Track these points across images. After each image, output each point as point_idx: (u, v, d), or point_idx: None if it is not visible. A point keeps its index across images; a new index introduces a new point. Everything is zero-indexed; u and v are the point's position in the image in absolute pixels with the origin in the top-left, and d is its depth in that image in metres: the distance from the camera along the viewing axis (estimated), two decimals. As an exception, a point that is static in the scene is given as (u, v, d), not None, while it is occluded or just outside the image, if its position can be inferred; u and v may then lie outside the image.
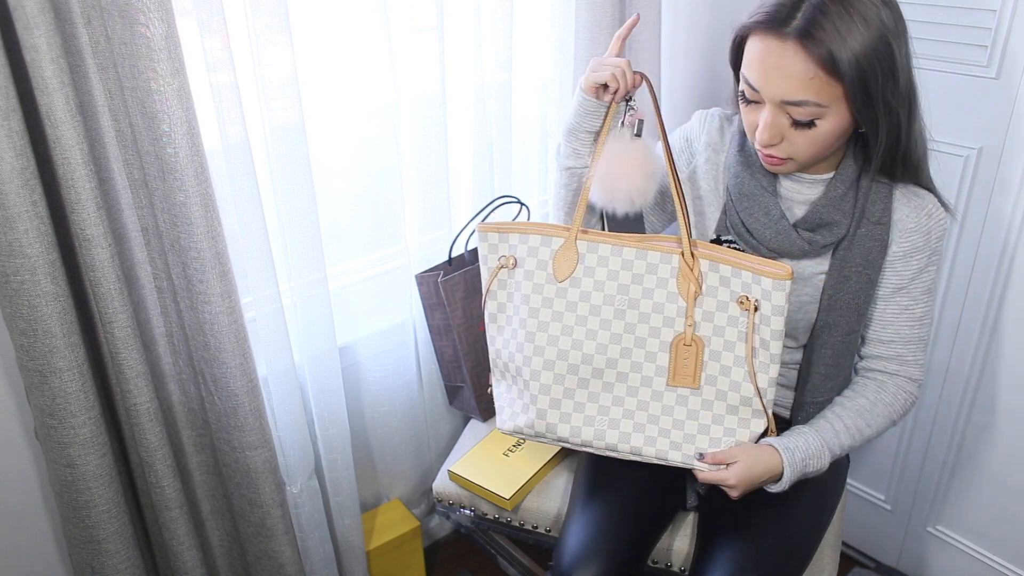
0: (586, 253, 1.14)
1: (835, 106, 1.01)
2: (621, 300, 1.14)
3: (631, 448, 1.15)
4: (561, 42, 1.60)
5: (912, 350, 1.19)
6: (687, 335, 1.11)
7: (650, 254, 1.12)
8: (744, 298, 1.07)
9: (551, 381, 1.16)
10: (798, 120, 1.03)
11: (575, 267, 1.14)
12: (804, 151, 1.07)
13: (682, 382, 1.12)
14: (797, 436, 1.13)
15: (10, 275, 1.04)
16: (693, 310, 1.10)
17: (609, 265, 1.14)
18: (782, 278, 1.04)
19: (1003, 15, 1.33)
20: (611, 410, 1.16)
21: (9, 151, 0.98)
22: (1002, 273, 1.45)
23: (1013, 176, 1.39)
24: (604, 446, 1.16)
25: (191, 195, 1.11)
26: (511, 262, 1.17)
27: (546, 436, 1.19)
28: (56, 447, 1.15)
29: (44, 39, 0.96)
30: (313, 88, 1.34)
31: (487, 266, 1.19)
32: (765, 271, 1.05)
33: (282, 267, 1.34)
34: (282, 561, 1.40)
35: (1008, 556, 1.62)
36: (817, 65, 0.98)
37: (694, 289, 1.10)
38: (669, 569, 1.30)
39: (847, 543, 1.88)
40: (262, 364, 1.35)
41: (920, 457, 1.68)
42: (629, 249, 1.13)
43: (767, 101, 1.04)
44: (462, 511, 1.46)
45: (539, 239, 1.16)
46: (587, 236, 1.15)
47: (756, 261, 1.07)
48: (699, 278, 1.10)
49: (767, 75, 1.01)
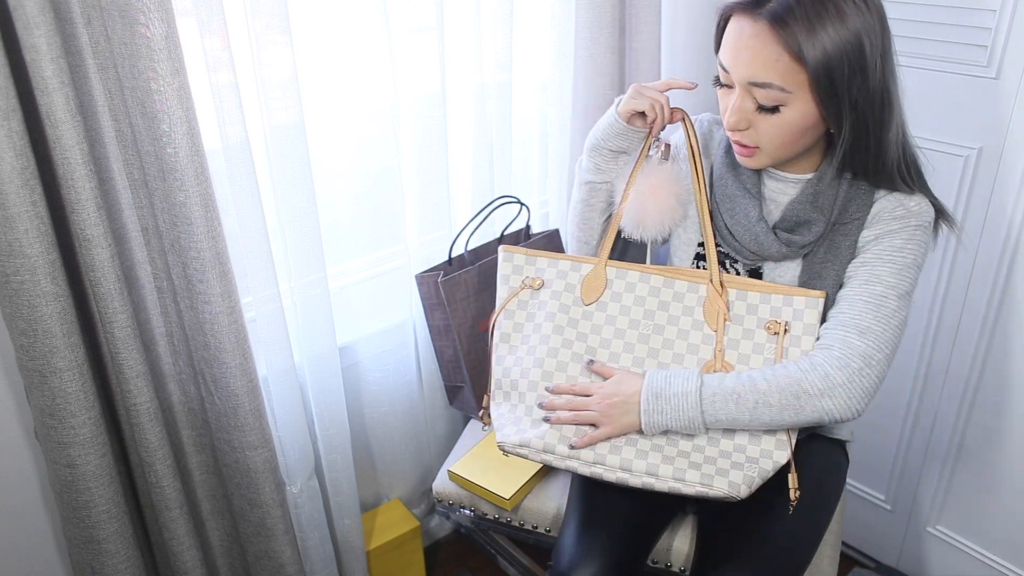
0: (614, 279, 1.18)
1: (799, 94, 1.01)
2: (647, 325, 1.16)
3: (647, 466, 1.10)
4: (561, 42, 1.60)
5: (859, 328, 1.07)
6: (717, 362, 1.12)
7: (677, 282, 1.16)
8: (773, 322, 1.10)
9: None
10: (763, 105, 1.04)
11: (603, 291, 1.18)
12: (770, 140, 1.07)
13: None
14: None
15: (10, 275, 1.04)
16: (723, 336, 1.13)
17: (636, 291, 1.17)
18: (815, 296, 1.08)
19: (1003, 15, 1.33)
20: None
21: (9, 151, 0.98)
22: (1002, 273, 1.45)
23: (1013, 176, 1.39)
24: (618, 463, 1.11)
25: (191, 195, 1.11)
26: (538, 283, 1.21)
27: (555, 450, 1.13)
28: (56, 447, 1.15)
29: (44, 39, 0.96)
30: (313, 88, 1.34)
31: (508, 285, 1.22)
32: (795, 292, 1.09)
33: (282, 267, 1.34)
34: (282, 561, 1.40)
35: (1008, 556, 1.62)
36: (784, 49, 0.99)
37: (723, 316, 1.12)
38: (669, 569, 1.30)
39: (847, 543, 1.88)
40: (262, 364, 1.35)
41: (920, 457, 1.68)
42: (657, 277, 1.17)
43: (736, 83, 1.05)
44: (462, 511, 1.46)
45: (568, 264, 1.20)
46: (615, 263, 1.19)
47: (786, 288, 1.11)
48: (727, 304, 1.13)
49: (737, 55, 1.03)
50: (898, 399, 1.67)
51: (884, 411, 1.71)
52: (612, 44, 1.56)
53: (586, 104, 1.61)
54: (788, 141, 1.07)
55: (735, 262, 1.20)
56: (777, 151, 1.09)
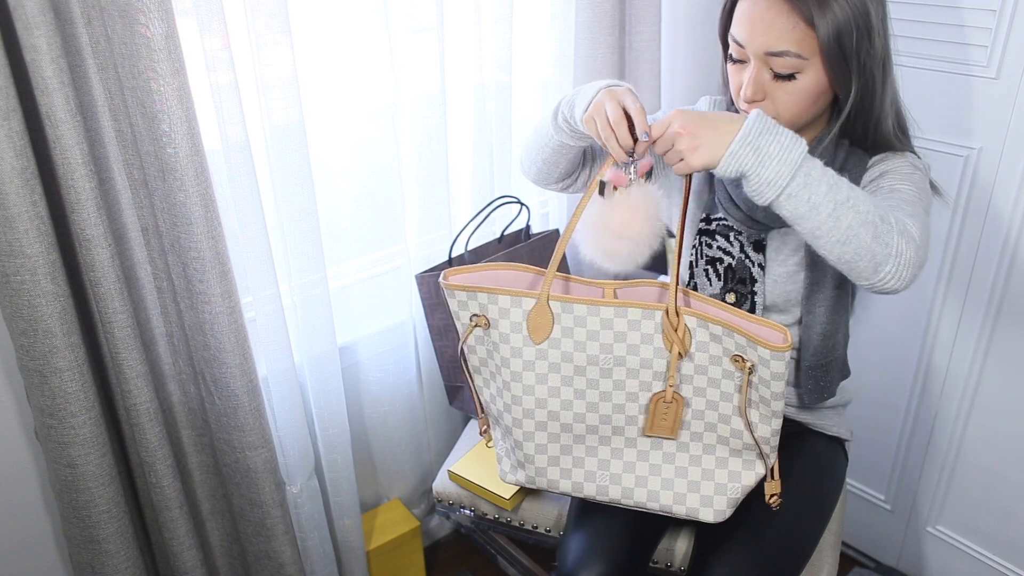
0: (561, 313, 1.06)
1: (814, 60, 1.04)
2: (606, 359, 1.07)
3: (635, 503, 1.14)
4: (561, 42, 1.60)
5: (906, 213, 1.04)
6: (667, 394, 1.07)
7: (630, 311, 1.04)
8: (739, 357, 1.01)
9: (546, 440, 1.13)
10: (779, 73, 1.06)
11: (551, 328, 1.07)
12: (787, 108, 1.08)
13: (659, 432, 1.09)
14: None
15: (10, 275, 1.04)
16: (675, 371, 1.05)
17: (588, 325, 1.06)
18: (780, 349, 0.96)
19: (1003, 15, 1.33)
20: (611, 464, 1.14)
21: (9, 151, 0.98)
22: (1002, 273, 1.45)
23: (1013, 176, 1.39)
24: (608, 501, 1.16)
25: (191, 195, 1.11)
26: (484, 322, 1.09)
27: (549, 491, 1.19)
28: (56, 447, 1.15)
29: (44, 39, 0.96)
30: (313, 88, 1.34)
31: (460, 322, 1.12)
32: (761, 340, 0.97)
33: (282, 267, 1.34)
34: (282, 561, 1.40)
35: (1008, 556, 1.62)
36: (800, 17, 1.01)
37: (676, 350, 1.04)
38: (669, 569, 1.30)
39: (847, 543, 1.88)
40: (262, 364, 1.35)
41: (920, 457, 1.68)
42: (607, 308, 1.05)
43: (752, 56, 1.06)
44: (462, 511, 1.46)
45: (508, 300, 1.07)
46: (557, 296, 1.06)
47: (751, 321, 1.01)
48: (684, 337, 1.03)
49: (753, 28, 1.05)
50: (898, 399, 1.67)
51: (884, 411, 1.71)
52: (612, 44, 1.56)
53: (586, 104, 1.61)
54: (803, 108, 1.09)
55: (739, 234, 1.20)
56: (792, 119, 1.10)
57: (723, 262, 1.22)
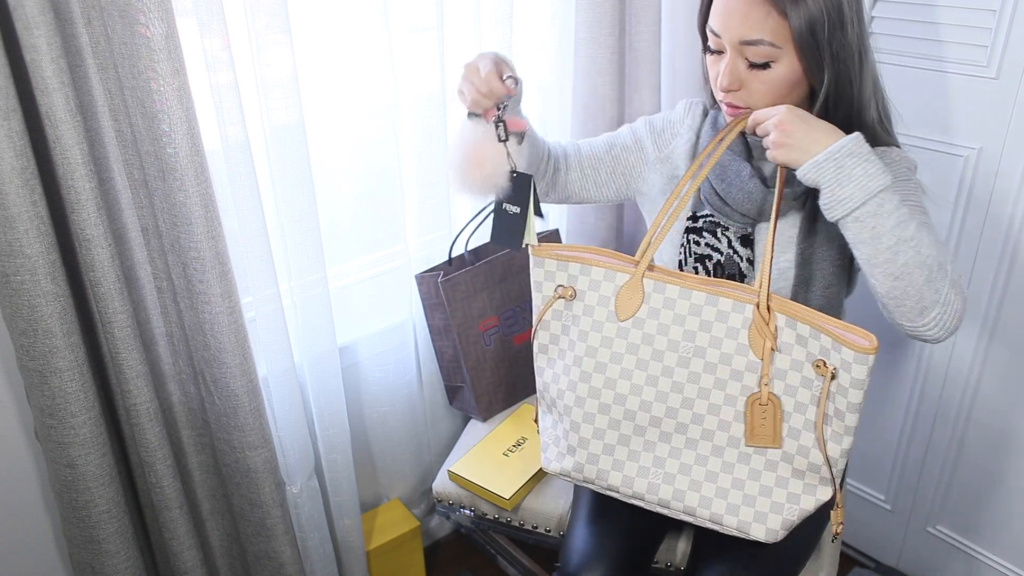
0: (652, 293, 1.07)
1: (788, 48, 1.06)
2: (686, 347, 1.06)
3: (684, 507, 1.09)
4: (561, 42, 1.60)
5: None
6: (763, 395, 1.04)
7: (721, 300, 1.04)
8: (821, 363, 0.99)
9: (605, 426, 1.10)
10: (754, 63, 1.08)
11: (639, 306, 1.07)
12: (761, 97, 1.10)
13: (760, 442, 1.04)
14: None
15: (10, 275, 1.04)
16: (769, 367, 1.03)
17: (676, 308, 1.06)
18: (866, 351, 0.94)
19: (1003, 15, 1.33)
20: (667, 462, 1.09)
21: (9, 151, 0.98)
22: (1002, 273, 1.45)
23: (1013, 176, 1.39)
24: (656, 501, 1.10)
25: (191, 195, 1.11)
26: (570, 293, 1.10)
27: (595, 483, 1.13)
28: (56, 447, 1.15)
29: (44, 39, 0.96)
30: (313, 88, 1.34)
31: (541, 293, 1.13)
32: (847, 340, 0.95)
33: (282, 267, 1.34)
34: (282, 561, 1.40)
35: (1008, 556, 1.62)
36: (772, 6, 1.04)
37: (769, 345, 1.02)
38: (669, 569, 1.31)
39: (847, 543, 1.88)
40: (262, 364, 1.35)
41: (920, 457, 1.68)
42: (699, 293, 1.05)
43: (727, 45, 1.09)
44: (462, 511, 1.46)
45: (603, 273, 1.09)
46: (654, 275, 1.07)
47: (838, 325, 0.98)
48: (774, 333, 1.02)
49: (728, 17, 1.07)
50: (898, 399, 1.67)
51: (884, 411, 1.71)
52: (612, 44, 1.56)
53: (586, 104, 1.61)
54: (778, 97, 1.10)
55: (726, 230, 1.20)
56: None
57: (712, 259, 1.22)
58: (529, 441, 1.50)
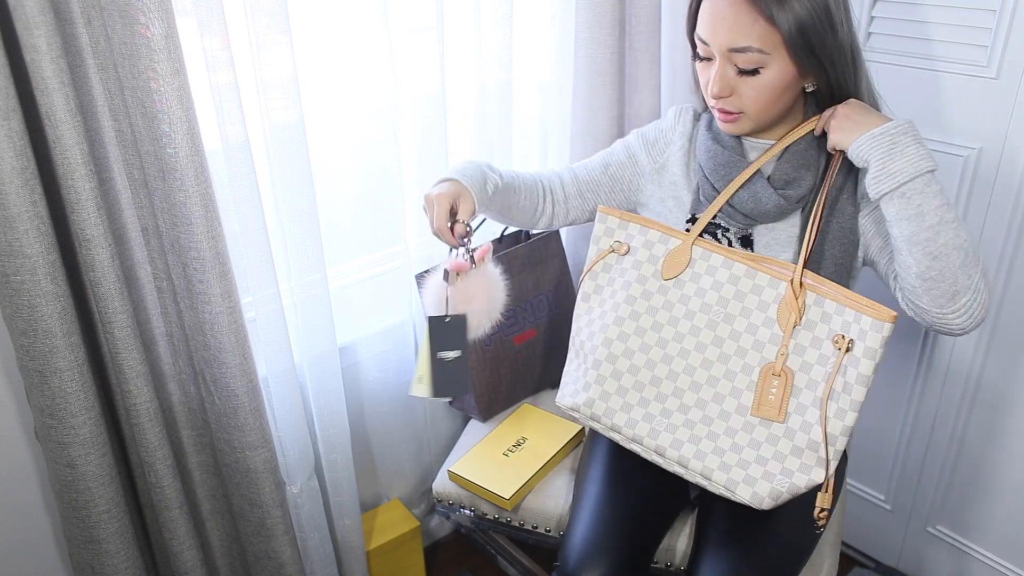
0: (698, 259, 1.16)
1: (776, 54, 1.07)
2: (718, 311, 1.13)
3: (679, 457, 1.14)
4: (561, 42, 1.60)
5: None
6: (777, 364, 1.09)
7: (759, 275, 1.12)
8: (840, 337, 1.04)
9: (625, 369, 1.17)
10: (743, 69, 1.08)
11: (684, 269, 1.16)
12: (752, 102, 1.11)
13: (766, 413, 1.09)
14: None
15: (10, 275, 1.04)
16: (789, 340, 1.08)
17: (716, 275, 1.14)
18: (883, 319, 1.00)
19: (1003, 15, 1.33)
20: (674, 415, 1.15)
21: (9, 151, 0.98)
22: (1002, 273, 1.45)
23: (1013, 176, 1.39)
24: (654, 447, 1.16)
25: (191, 195, 1.11)
26: (624, 248, 1.21)
27: (601, 420, 1.20)
28: (56, 447, 1.15)
29: (44, 39, 0.96)
30: (313, 88, 1.34)
31: (597, 246, 1.23)
32: (867, 310, 1.02)
33: (282, 267, 1.34)
34: (282, 561, 1.40)
35: (1008, 556, 1.62)
36: (758, 13, 1.05)
37: (794, 319, 1.08)
38: (669, 569, 1.31)
39: (847, 543, 1.88)
40: (262, 364, 1.35)
41: (920, 457, 1.68)
42: (740, 265, 1.13)
43: (716, 52, 1.09)
44: (462, 511, 1.46)
45: (658, 235, 1.19)
46: (703, 243, 1.16)
47: (862, 301, 1.03)
48: (802, 309, 1.08)
49: (716, 26, 1.08)
50: (898, 399, 1.67)
51: (884, 411, 1.71)
52: (612, 44, 1.56)
53: (586, 104, 1.61)
54: (769, 102, 1.11)
55: (726, 231, 1.21)
56: (759, 113, 1.13)
57: None
58: (529, 441, 1.50)
